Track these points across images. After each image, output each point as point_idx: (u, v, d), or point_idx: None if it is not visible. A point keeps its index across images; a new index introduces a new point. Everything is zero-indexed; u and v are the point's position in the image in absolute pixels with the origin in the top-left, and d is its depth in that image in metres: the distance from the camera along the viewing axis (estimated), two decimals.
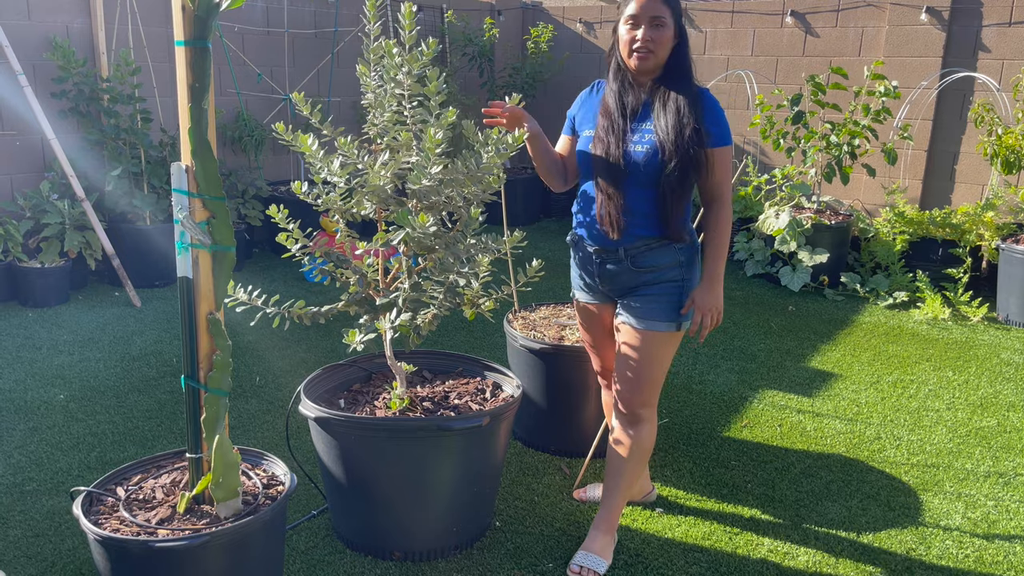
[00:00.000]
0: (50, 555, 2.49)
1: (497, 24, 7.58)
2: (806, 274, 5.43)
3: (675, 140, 2.27)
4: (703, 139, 2.29)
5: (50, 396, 3.59)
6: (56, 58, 4.97)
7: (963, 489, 3.04)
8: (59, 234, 4.86)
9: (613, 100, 2.39)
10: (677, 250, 2.40)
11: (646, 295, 2.41)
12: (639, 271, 2.40)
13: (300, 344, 4.29)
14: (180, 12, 1.87)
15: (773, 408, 3.69)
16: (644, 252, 2.38)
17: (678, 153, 2.27)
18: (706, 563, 2.54)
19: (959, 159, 5.99)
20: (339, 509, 2.57)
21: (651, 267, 2.39)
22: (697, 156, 2.28)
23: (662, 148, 2.28)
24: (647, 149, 2.31)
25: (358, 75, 2.39)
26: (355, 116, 6.95)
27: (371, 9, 2.33)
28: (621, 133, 2.34)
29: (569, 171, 2.58)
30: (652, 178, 2.31)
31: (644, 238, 2.37)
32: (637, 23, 2.30)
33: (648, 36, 2.29)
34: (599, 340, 2.67)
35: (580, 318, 2.69)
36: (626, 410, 2.47)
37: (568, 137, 2.57)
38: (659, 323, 2.39)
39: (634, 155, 2.32)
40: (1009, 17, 5.65)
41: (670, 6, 2.30)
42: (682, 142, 2.27)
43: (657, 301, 2.40)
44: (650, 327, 2.39)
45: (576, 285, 2.63)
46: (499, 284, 2.75)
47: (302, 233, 2.49)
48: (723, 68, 6.90)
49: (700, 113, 2.30)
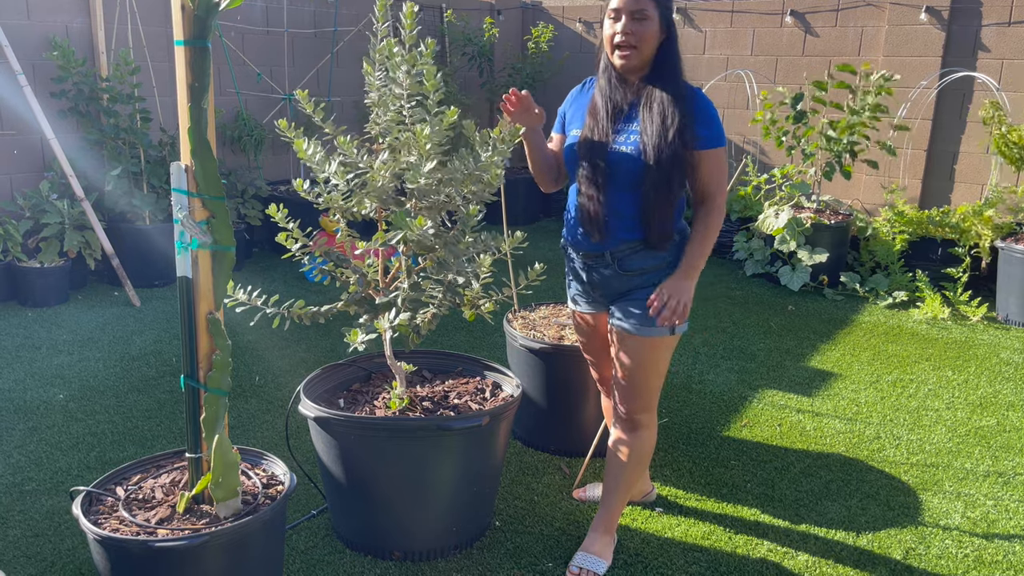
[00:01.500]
0: (50, 555, 2.49)
1: (497, 24, 7.58)
2: (806, 274, 5.43)
3: (657, 143, 2.21)
4: (688, 141, 2.23)
5: (49, 396, 3.59)
6: (55, 58, 4.97)
7: (962, 488, 3.04)
8: (58, 234, 4.86)
9: (600, 99, 2.33)
10: (664, 251, 2.35)
11: (638, 299, 2.36)
12: (627, 274, 2.36)
13: (300, 344, 4.29)
14: (180, 11, 1.87)
15: (772, 408, 3.69)
16: (630, 255, 2.34)
17: (660, 156, 2.21)
18: (706, 563, 2.54)
19: (959, 159, 5.99)
20: (339, 509, 2.57)
21: (639, 270, 2.35)
22: (680, 159, 2.23)
23: (644, 151, 2.23)
24: (631, 151, 2.26)
25: (363, 74, 2.38)
26: (355, 116, 6.95)
27: (380, 9, 2.32)
28: (605, 134, 2.29)
29: (561, 171, 2.53)
30: (634, 180, 2.27)
31: (627, 241, 2.33)
32: (618, 17, 2.23)
33: (629, 29, 2.21)
34: (597, 351, 2.64)
35: (577, 330, 2.65)
36: (625, 416, 2.45)
37: (559, 135, 2.52)
38: (653, 328, 2.34)
39: (616, 156, 2.27)
40: (1009, 17, 5.65)
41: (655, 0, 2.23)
42: (664, 145, 2.21)
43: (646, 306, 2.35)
44: (645, 332, 2.35)
45: (571, 295, 2.59)
46: (499, 285, 2.74)
47: (302, 233, 2.49)
48: (723, 68, 6.90)
49: (690, 114, 2.24)
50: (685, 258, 2.34)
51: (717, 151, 2.31)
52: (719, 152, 2.32)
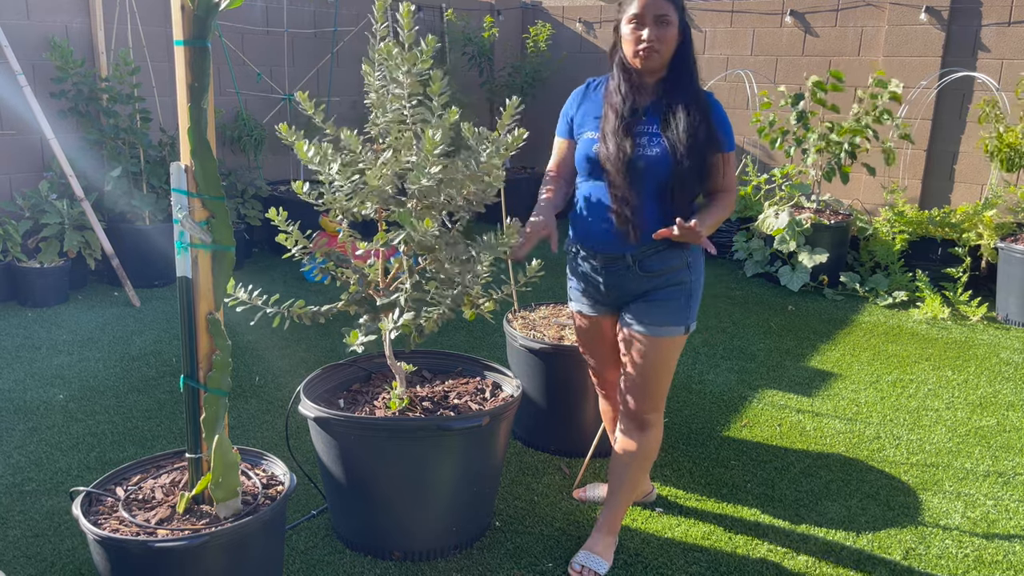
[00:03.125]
0: (49, 555, 2.49)
1: (496, 23, 7.58)
2: (805, 274, 5.43)
3: (689, 145, 2.24)
4: (717, 144, 2.29)
5: (49, 396, 3.59)
6: (55, 58, 4.97)
7: (962, 488, 3.04)
8: (58, 234, 4.86)
9: (619, 102, 2.32)
10: (685, 251, 2.36)
11: (653, 300, 2.36)
12: (646, 275, 2.36)
13: (300, 344, 4.29)
14: (179, 11, 1.87)
15: (772, 408, 3.69)
16: (652, 256, 2.34)
17: (691, 158, 2.24)
18: (706, 563, 2.54)
19: (958, 159, 5.99)
20: (339, 509, 2.57)
21: (659, 271, 2.35)
22: (704, 161, 2.28)
23: (674, 152, 2.24)
24: (657, 152, 2.27)
25: (363, 74, 2.38)
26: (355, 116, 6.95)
27: (379, 9, 2.32)
28: (629, 137, 2.28)
29: (572, 181, 2.51)
30: (661, 181, 2.28)
31: (653, 242, 2.33)
32: (642, 22, 2.24)
33: (654, 35, 2.23)
34: (600, 354, 2.62)
35: (580, 334, 2.62)
36: (635, 416, 2.45)
37: (566, 140, 2.49)
38: (668, 327, 2.35)
39: (644, 158, 2.27)
40: (1008, 17, 5.65)
41: (674, 3, 2.25)
42: (694, 146, 2.24)
43: (665, 306, 2.35)
44: (659, 333, 2.35)
45: (575, 297, 2.57)
46: (499, 284, 2.74)
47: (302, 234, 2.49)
48: (723, 68, 6.90)
49: (710, 118, 2.29)
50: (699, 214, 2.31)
51: (732, 153, 2.39)
52: (733, 155, 2.39)
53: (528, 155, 8.65)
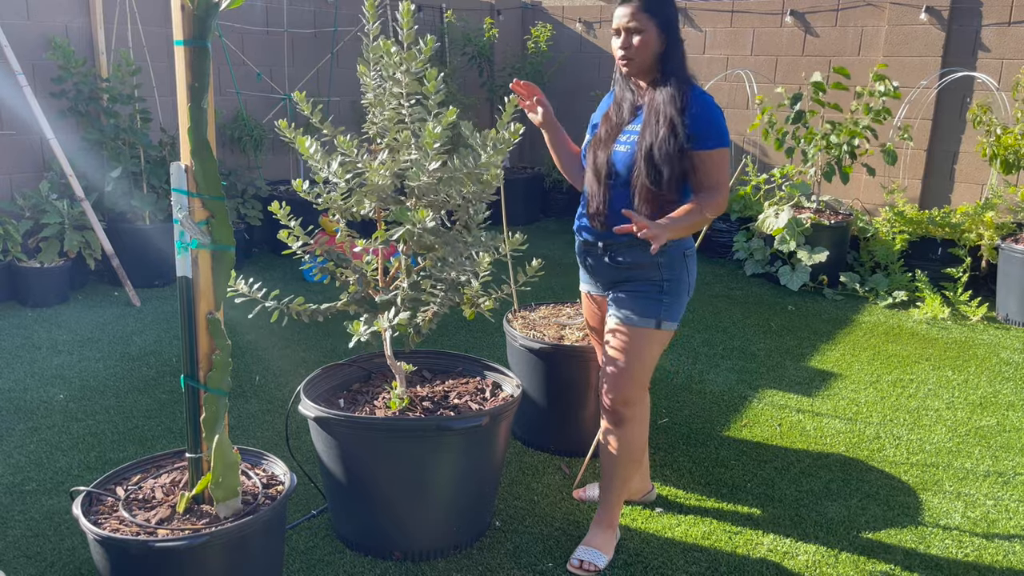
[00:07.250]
0: (50, 555, 2.49)
1: (497, 24, 7.58)
2: (805, 273, 5.43)
3: (649, 141, 2.33)
4: (682, 141, 2.30)
5: (49, 396, 3.59)
6: (55, 58, 4.97)
7: (962, 488, 3.04)
8: (58, 234, 4.86)
9: (614, 103, 2.52)
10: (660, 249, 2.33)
11: (627, 290, 2.47)
12: (616, 267, 2.48)
13: (300, 344, 4.29)
14: (179, 12, 1.87)
15: (773, 407, 3.69)
16: (623, 249, 2.45)
17: (650, 152, 2.33)
18: (706, 563, 2.54)
19: (959, 159, 5.99)
20: (339, 509, 2.57)
21: (628, 264, 2.45)
22: (671, 157, 2.31)
23: (639, 148, 2.36)
24: (627, 150, 2.40)
25: (358, 75, 2.39)
26: (355, 116, 6.95)
27: (370, 9, 2.33)
28: (611, 133, 2.46)
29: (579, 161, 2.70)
30: (628, 177, 2.39)
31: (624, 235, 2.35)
32: (618, 33, 2.41)
33: (625, 44, 2.38)
34: (599, 334, 2.72)
35: (585, 311, 2.78)
36: (609, 408, 2.50)
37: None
38: (635, 318, 2.43)
39: (616, 156, 2.42)
40: (1008, 17, 5.65)
41: (649, 12, 2.34)
42: (655, 141, 2.32)
43: (634, 298, 2.44)
44: (627, 321, 2.44)
45: (582, 277, 2.74)
46: (499, 283, 2.75)
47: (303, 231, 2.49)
48: (723, 68, 6.90)
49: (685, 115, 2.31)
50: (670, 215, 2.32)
51: (719, 151, 2.35)
52: (720, 152, 2.36)
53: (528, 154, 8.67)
